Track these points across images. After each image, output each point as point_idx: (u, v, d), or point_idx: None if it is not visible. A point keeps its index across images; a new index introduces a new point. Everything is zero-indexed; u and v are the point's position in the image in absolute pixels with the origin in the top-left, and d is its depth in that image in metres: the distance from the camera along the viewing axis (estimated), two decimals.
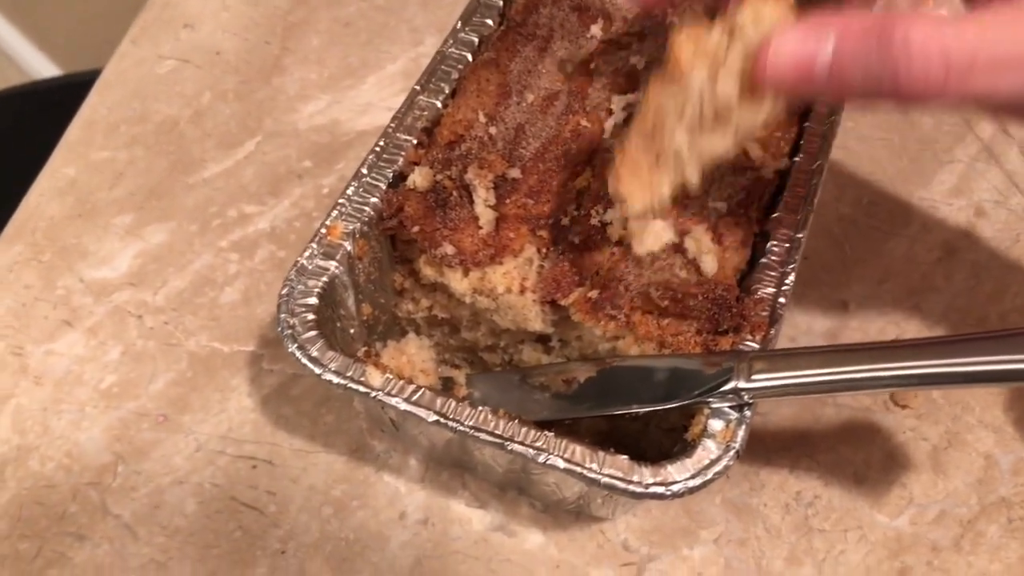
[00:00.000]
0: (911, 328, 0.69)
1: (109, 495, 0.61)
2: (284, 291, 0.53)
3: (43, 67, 2.12)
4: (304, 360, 0.51)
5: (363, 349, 0.58)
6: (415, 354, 0.59)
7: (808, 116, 0.61)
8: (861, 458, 0.64)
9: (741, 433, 0.49)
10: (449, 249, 0.55)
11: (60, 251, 0.71)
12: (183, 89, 0.81)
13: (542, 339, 0.59)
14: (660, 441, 0.58)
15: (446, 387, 0.61)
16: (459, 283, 0.56)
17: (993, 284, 0.71)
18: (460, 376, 0.60)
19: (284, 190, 0.75)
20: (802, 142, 0.60)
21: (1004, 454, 0.64)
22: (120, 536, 0.59)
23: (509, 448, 0.48)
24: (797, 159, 0.59)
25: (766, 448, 0.64)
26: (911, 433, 0.65)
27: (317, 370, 0.51)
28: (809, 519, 0.61)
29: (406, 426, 0.58)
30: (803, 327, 0.69)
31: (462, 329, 0.62)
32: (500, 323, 0.57)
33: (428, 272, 0.57)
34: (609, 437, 0.60)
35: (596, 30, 0.65)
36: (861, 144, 0.78)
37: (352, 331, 0.58)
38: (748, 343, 0.52)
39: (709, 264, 0.53)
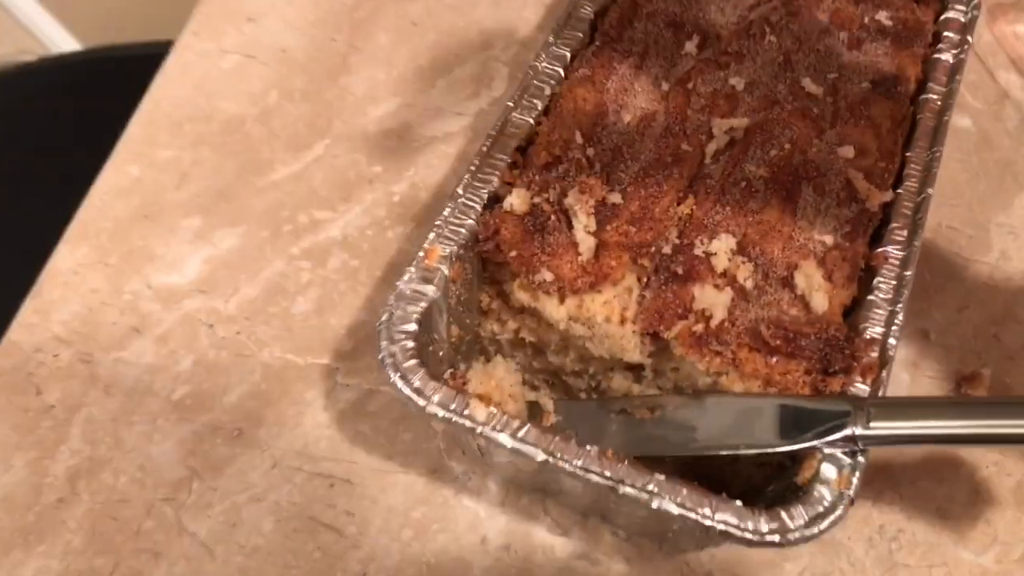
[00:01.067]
0: (992, 358, 0.68)
1: (184, 512, 0.60)
2: (384, 317, 0.52)
3: (61, 39, 2.10)
4: (407, 391, 0.50)
5: (449, 371, 0.57)
6: (503, 378, 0.58)
7: (909, 144, 0.60)
8: (944, 493, 0.63)
9: (855, 480, 0.48)
10: (547, 275, 0.54)
11: (127, 254, 0.70)
12: (248, 87, 0.79)
13: (633, 367, 0.58)
14: (750, 474, 0.57)
15: (532, 413, 0.59)
16: (555, 310, 0.55)
17: None
18: (547, 402, 0.59)
19: (355, 196, 0.73)
20: (904, 172, 0.59)
21: None
22: (197, 555, 0.58)
23: (621, 492, 0.47)
24: (900, 190, 0.58)
25: None
26: (994, 468, 0.64)
27: (421, 402, 0.50)
28: (893, 553, 0.61)
29: (493, 453, 0.57)
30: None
31: (548, 353, 0.60)
32: (593, 351, 0.56)
33: (522, 297, 0.56)
34: (693, 467, 0.59)
35: (691, 47, 0.63)
36: (939, 167, 0.77)
37: (440, 353, 0.57)
38: (858, 386, 0.51)
39: (819, 301, 0.52)
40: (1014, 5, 0.83)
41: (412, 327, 0.52)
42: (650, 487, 0.47)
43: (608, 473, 0.47)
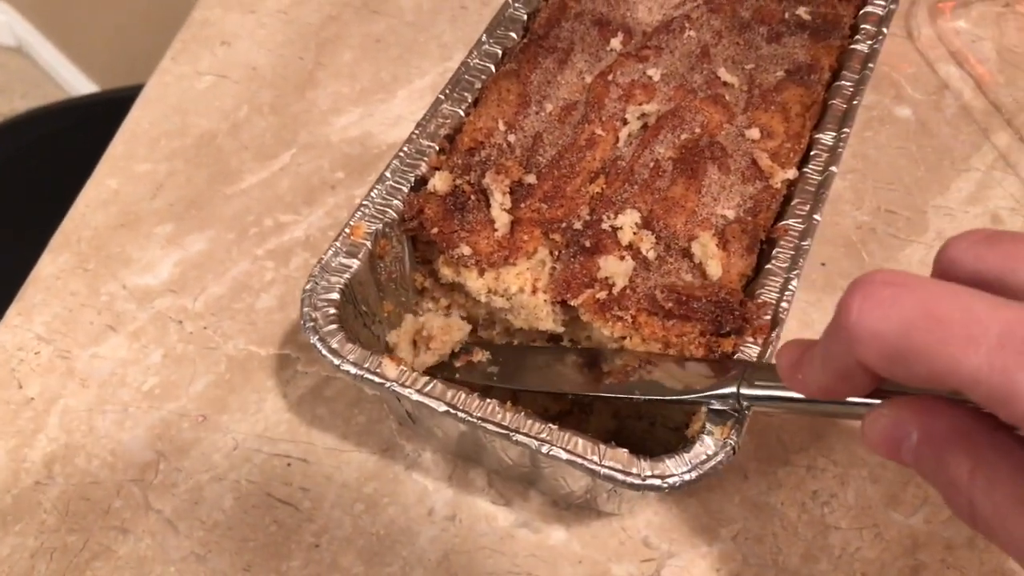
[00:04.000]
0: None
1: (151, 491, 0.66)
2: (308, 287, 0.58)
3: (80, 84, 2.22)
4: (324, 351, 0.55)
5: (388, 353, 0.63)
6: (428, 320, 0.63)
7: (819, 127, 0.65)
8: (876, 459, 0.67)
9: (738, 431, 0.52)
10: (466, 250, 0.59)
11: (104, 259, 0.77)
12: (221, 104, 0.86)
13: (554, 339, 0.63)
14: (667, 440, 0.62)
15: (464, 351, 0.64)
16: (474, 282, 0.60)
17: None
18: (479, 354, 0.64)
19: (318, 200, 0.80)
20: (812, 153, 0.64)
21: None
22: (161, 530, 0.65)
23: (515, 439, 0.52)
24: (806, 169, 0.63)
25: (784, 448, 0.68)
26: None
27: (336, 361, 0.55)
28: (825, 517, 0.65)
29: (421, 418, 0.62)
30: (821, 331, 0.72)
31: (478, 328, 0.66)
32: (514, 322, 0.62)
33: (446, 272, 0.61)
34: (617, 435, 0.64)
35: (616, 44, 0.69)
36: (879, 153, 0.82)
37: (373, 328, 0.63)
38: (749, 345, 0.56)
39: (714, 268, 0.57)
40: (953, 2, 0.89)
41: (334, 296, 0.58)
42: (543, 435, 0.52)
43: (505, 423, 0.52)
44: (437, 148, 0.64)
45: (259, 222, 0.79)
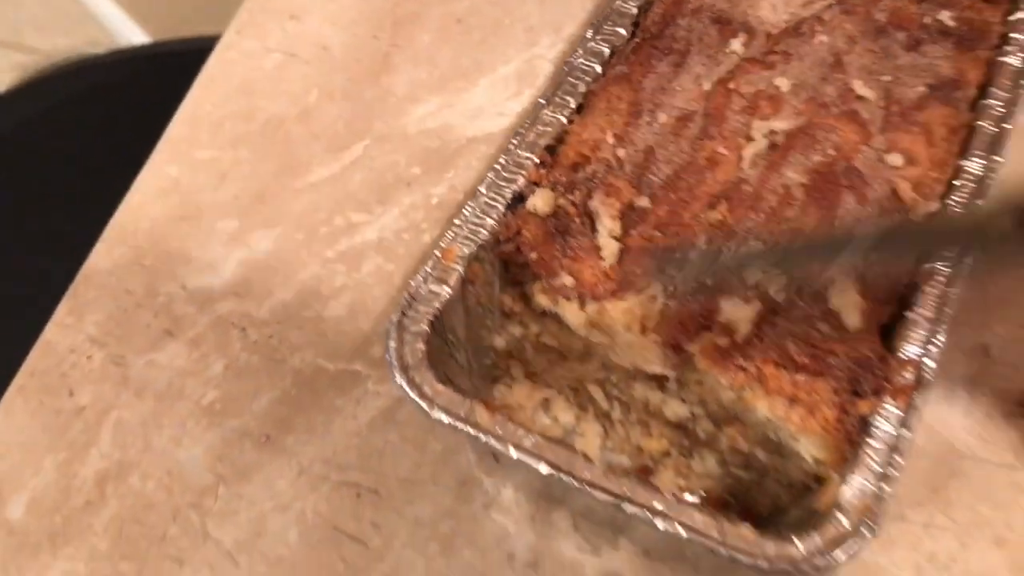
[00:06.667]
0: None
1: (210, 518, 0.62)
2: (395, 318, 0.54)
3: (132, 34, 2.18)
4: (413, 395, 0.52)
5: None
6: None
7: (964, 152, 0.59)
8: (1002, 519, 0.62)
9: (878, 510, 0.48)
10: (567, 280, 0.55)
11: (163, 255, 0.73)
12: (289, 86, 0.81)
13: (656, 377, 0.59)
14: (777, 494, 0.58)
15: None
16: (574, 316, 0.56)
17: None
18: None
19: (392, 198, 0.75)
20: (957, 183, 0.58)
21: None
22: (221, 563, 0.61)
23: (628, 511, 0.48)
24: (950, 202, 0.57)
25: (898, 501, 0.62)
26: None
27: (425, 406, 0.52)
28: None
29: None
30: (940, 372, 0.67)
31: (570, 359, 0.61)
32: (615, 360, 0.57)
33: (542, 300, 0.57)
34: (720, 481, 0.59)
35: (737, 45, 0.64)
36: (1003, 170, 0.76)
37: (458, 356, 0.59)
38: (889, 408, 0.51)
39: (853, 319, 0.52)
40: None
41: (424, 327, 0.54)
42: (657, 506, 0.48)
43: (615, 490, 0.48)
44: (537, 161, 0.59)
45: (329, 220, 0.74)
